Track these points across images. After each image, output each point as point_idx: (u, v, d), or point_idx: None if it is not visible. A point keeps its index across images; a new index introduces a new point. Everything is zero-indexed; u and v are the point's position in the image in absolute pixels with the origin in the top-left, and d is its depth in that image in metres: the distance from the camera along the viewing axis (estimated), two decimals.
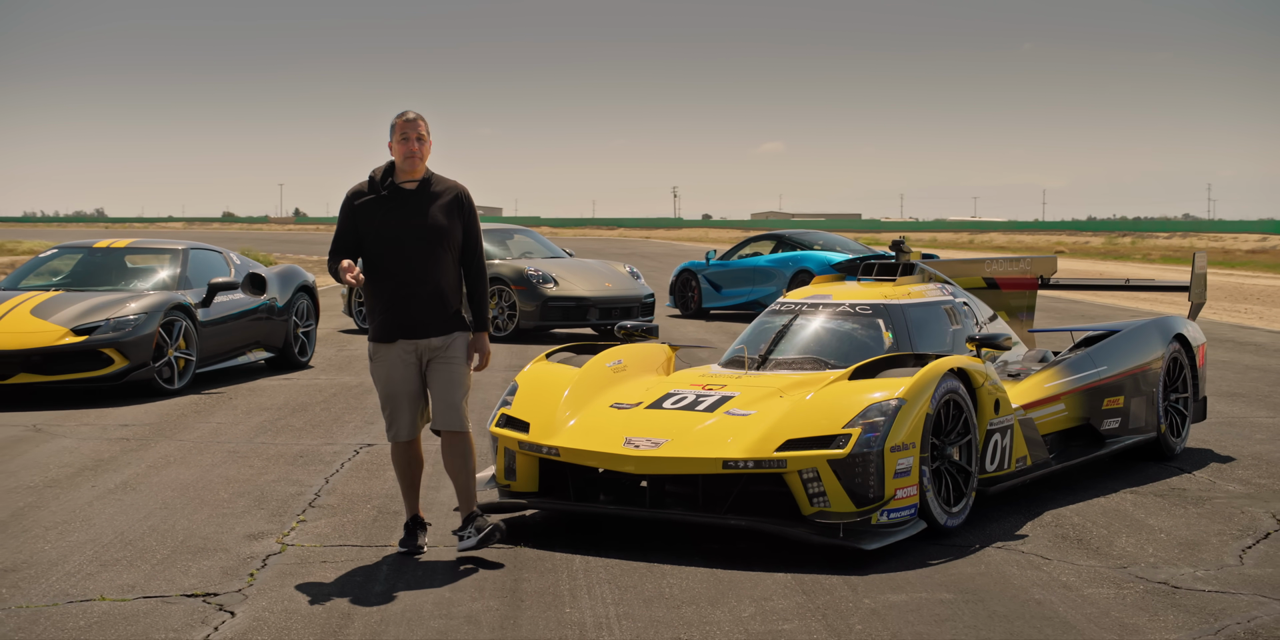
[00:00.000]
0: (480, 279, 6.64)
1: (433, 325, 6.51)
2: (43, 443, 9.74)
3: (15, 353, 11.61)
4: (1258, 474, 8.57)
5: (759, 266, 21.23)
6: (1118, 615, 5.60)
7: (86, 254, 13.72)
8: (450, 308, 6.55)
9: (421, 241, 6.47)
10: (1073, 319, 20.96)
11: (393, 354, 6.54)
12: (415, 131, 6.52)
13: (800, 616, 5.60)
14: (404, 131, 6.51)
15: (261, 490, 8.08)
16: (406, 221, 6.49)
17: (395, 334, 6.52)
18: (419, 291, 6.48)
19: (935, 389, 6.76)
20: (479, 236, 6.66)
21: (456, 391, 6.52)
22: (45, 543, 6.83)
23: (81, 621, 5.51)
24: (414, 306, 6.48)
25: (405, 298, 6.49)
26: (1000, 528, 7.12)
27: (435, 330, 6.51)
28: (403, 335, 6.51)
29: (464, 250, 6.62)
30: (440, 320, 6.52)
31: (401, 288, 6.49)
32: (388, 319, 6.53)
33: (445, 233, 6.51)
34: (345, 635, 5.35)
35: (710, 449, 6.67)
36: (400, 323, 6.50)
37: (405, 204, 6.52)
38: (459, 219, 6.58)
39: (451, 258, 6.55)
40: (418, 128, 6.53)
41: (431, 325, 6.51)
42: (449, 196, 6.58)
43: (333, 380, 13.33)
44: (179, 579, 6.16)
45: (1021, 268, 10.10)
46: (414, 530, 6.67)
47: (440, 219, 6.51)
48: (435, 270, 6.49)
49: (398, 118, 6.54)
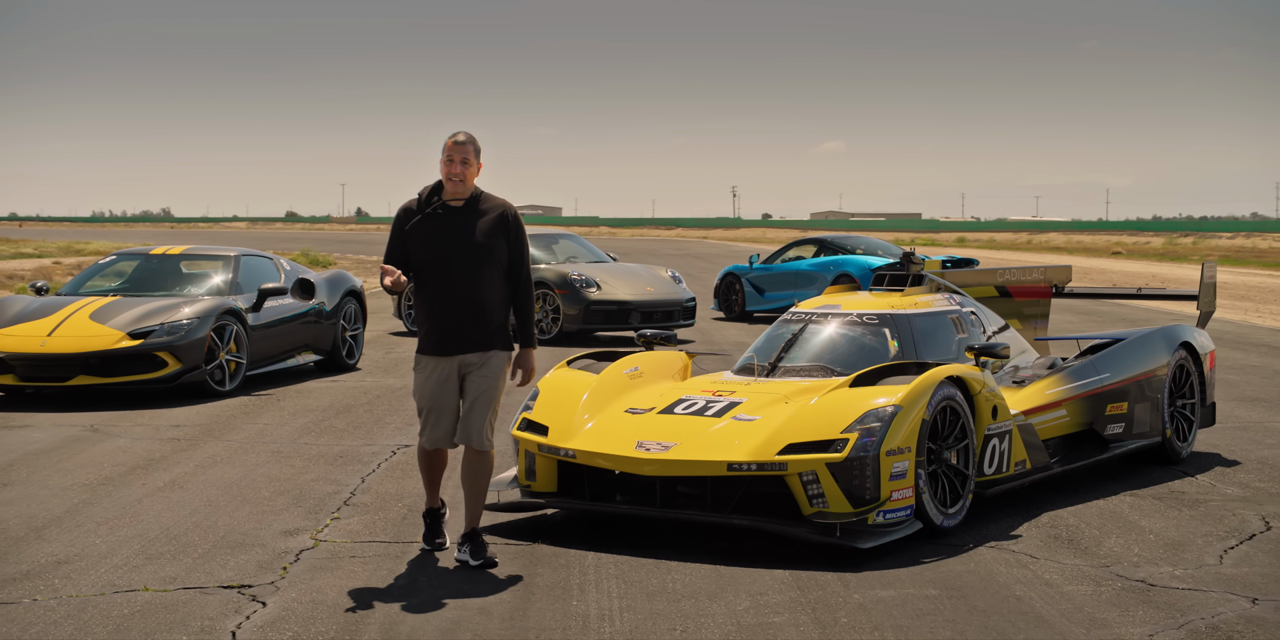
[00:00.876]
0: (526, 297, 6.82)
1: (471, 341, 6.69)
2: (99, 442, 10.26)
3: (75, 356, 12.16)
4: (1259, 478, 8.85)
5: (801, 270, 21.59)
6: (1090, 611, 5.94)
7: (143, 261, 14.28)
8: (491, 325, 6.72)
9: (465, 259, 6.66)
10: (1114, 323, 21.14)
11: (433, 366, 6.74)
12: (461, 154, 6.69)
13: (791, 610, 5.98)
14: (450, 153, 6.71)
15: (301, 489, 8.54)
16: (451, 239, 6.68)
17: (436, 347, 6.72)
18: (461, 307, 6.67)
19: (931, 396, 7.11)
20: (525, 255, 6.81)
21: (485, 411, 6.71)
22: (96, 537, 7.30)
23: (125, 610, 5.97)
24: (455, 322, 6.67)
25: (447, 313, 6.68)
26: (996, 528, 7.46)
27: (473, 346, 6.70)
28: (443, 350, 6.71)
29: (509, 268, 6.77)
30: (480, 337, 6.70)
31: (444, 303, 6.68)
32: (430, 332, 6.74)
33: (489, 251, 6.68)
34: (365, 624, 5.78)
35: (716, 452, 7.05)
36: (441, 337, 6.70)
37: (451, 222, 6.71)
38: (504, 238, 6.73)
39: (496, 275, 6.72)
40: (465, 151, 6.70)
41: (470, 341, 6.69)
42: (495, 215, 6.75)
43: (378, 382, 13.81)
44: (217, 571, 6.61)
45: (1035, 277, 10.41)
46: (435, 525, 7.02)
47: (484, 238, 6.69)
48: (478, 287, 6.67)
49: (448, 139, 6.73)
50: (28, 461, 9.45)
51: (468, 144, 6.71)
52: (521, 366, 6.81)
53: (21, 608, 6.00)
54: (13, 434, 10.62)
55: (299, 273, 14.62)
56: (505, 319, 6.80)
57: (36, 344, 12.23)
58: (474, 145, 6.75)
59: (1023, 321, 10.26)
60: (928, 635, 5.62)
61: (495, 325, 6.74)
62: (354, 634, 5.64)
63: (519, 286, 6.81)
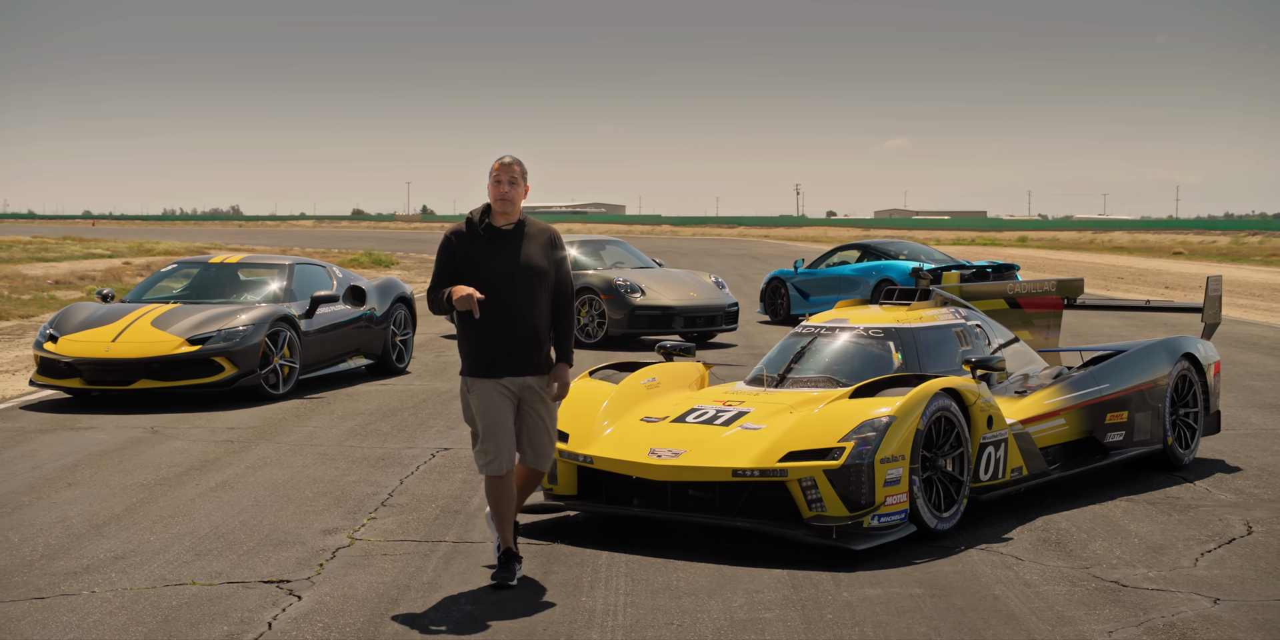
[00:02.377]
0: (567, 314, 6.91)
1: (529, 364, 6.79)
2: (158, 444, 10.89)
3: (137, 360, 12.82)
4: (1255, 484, 9.23)
5: (844, 275, 22.03)
6: (1060, 609, 6.39)
7: (203, 269, 14.95)
8: (545, 347, 6.85)
9: (517, 281, 6.75)
10: (1154, 328, 21.40)
11: (488, 387, 6.78)
12: (508, 175, 6.80)
13: (782, 607, 6.47)
14: (497, 176, 6.81)
15: (342, 490, 9.11)
16: (503, 262, 6.77)
17: (491, 371, 6.77)
18: (515, 330, 6.75)
19: (926, 407, 7.58)
20: (570, 279, 6.97)
21: (547, 432, 6.90)
22: (151, 534, 7.90)
23: (174, 602, 6.55)
24: (510, 345, 6.75)
25: (502, 336, 6.75)
26: (990, 531, 7.91)
27: (531, 369, 6.81)
28: (498, 373, 6.76)
29: (555, 288, 6.90)
30: (535, 359, 6.81)
31: (498, 326, 6.75)
32: (483, 356, 6.78)
33: (540, 273, 6.80)
34: (390, 617, 6.32)
35: (723, 459, 7.56)
36: (496, 360, 6.75)
37: (502, 245, 6.82)
38: (550, 260, 6.87)
39: (544, 298, 6.84)
40: (511, 172, 6.80)
41: (527, 364, 6.79)
42: (542, 239, 6.88)
43: (426, 386, 14.40)
44: (260, 568, 7.18)
45: (1045, 289, 10.82)
46: (509, 564, 6.90)
47: (535, 259, 6.80)
48: (530, 309, 6.77)
49: (495, 162, 6.84)
50: (91, 462, 10.09)
51: (514, 165, 6.84)
52: (557, 380, 6.90)
53: (80, 599, 6.59)
54: (79, 435, 11.28)
55: (350, 280, 15.25)
56: (549, 341, 6.94)
57: (102, 349, 12.91)
58: (520, 167, 6.86)
59: (1033, 332, 10.67)
60: (904, 631, 6.09)
61: (547, 347, 6.88)
62: (378, 626, 6.19)
63: (561, 307, 6.92)
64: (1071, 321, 21.90)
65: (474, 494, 8.95)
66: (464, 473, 9.65)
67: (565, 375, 6.91)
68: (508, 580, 6.81)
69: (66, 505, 8.64)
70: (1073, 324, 21.53)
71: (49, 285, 30.21)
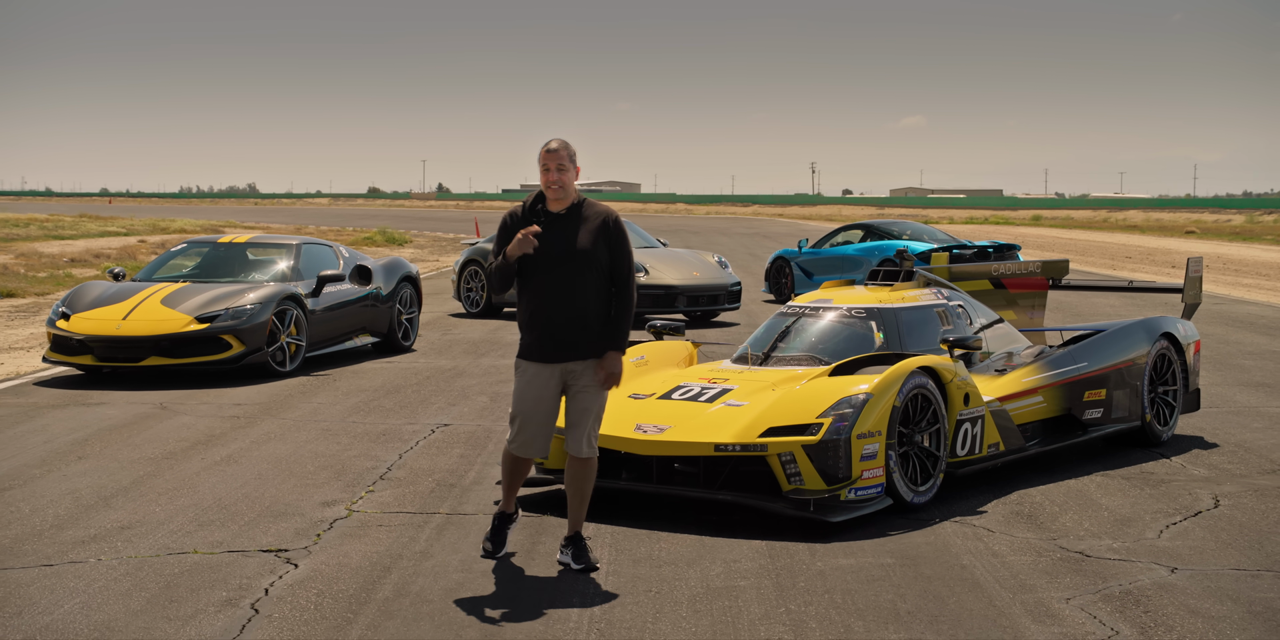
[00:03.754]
0: (626, 301, 6.83)
1: (576, 348, 6.76)
2: (166, 419, 11.20)
3: (147, 338, 13.14)
4: (1230, 460, 9.49)
5: (848, 255, 22.28)
6: (1023, 578, 6.66)
7: (212, 248, 15.27)
8: (595, 332, 6.78)
9: (570, 265, 6.72)
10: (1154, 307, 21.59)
11: (534, 371, 6.80)
12: (556, 161, 6.74)
13: (757, 575, 6.75)
14: (545, 162, 6.76)
15: (343, 464, 9.40)
16: (556, 246, 6.74)
17: (539, 354, 6.78)
18: (565, 314, 6.73)
19: (903, 385, 7.84)
20: (629, 261, 6.86)
21: (589, 420, 6.83)
22: (156, 506, 8.20)
23: (176, 569, 6.85)
24: (559, 329, 6.74)
25: (551, 320, 6.75)
26: (966, 505, 8.18)
27: (578, 354, 6.77)
28: (547, 357, 6.77)
29: (613, 274, 6.83)
30: (584, 344, 6.76)
31: (550, 310, 6.74)
32: (533, 339, 6.80)
33: (592, 257, 6.74)
34: (381, 584, 6.62)
35: (706, 434, 7.83)
36: (544, 344, 6.76)
37: (555, 228, 6.78)
38: (605, 243, 6.79)
39: (600, 282, 6.77)
40: (559, 157, 6.75)
41: (575, 348, 6.76)
42: (597, 221, 6.81)
43: (430, 364, 14.70)
44: (259, 537, 7.48)
45: (1030, 269, 11.07)
46: (501, 529, 7.09)
47: (588, 243, 6.74)
48: (582, 294, 6.73)
49: (542, 148, 6.78)
50: (101, 436, 10.40)
51: (560, 150, 6.76)
52: (607, 369, 6.81)
53: (87, 566, 6.90)
54: (90, 410, 11.60)
55: (357, 259, 15.54)
56: (603, 327, 6.86)
57: (113, 327, 13.22)
58: (567, 150, 6.79)
59: (1018, 313, 10.93)
60: (871, 598, 6.37)
61: (597, 333, 6.79)
62: (370, 592, 6.48)
63: (621, 293, 6.85)
64: (1074, 301, 22.13)
65: (470, 468, 9.24)
66: (462, 448, 9.94)
67: (615, 364, 6.81)
68: (501, 548, 7.09)
69: (76, 478, 8.95)
70: (1075, 303, 21.76)
71: (65, 263, 30.58)
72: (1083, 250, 43.28)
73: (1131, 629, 5.90)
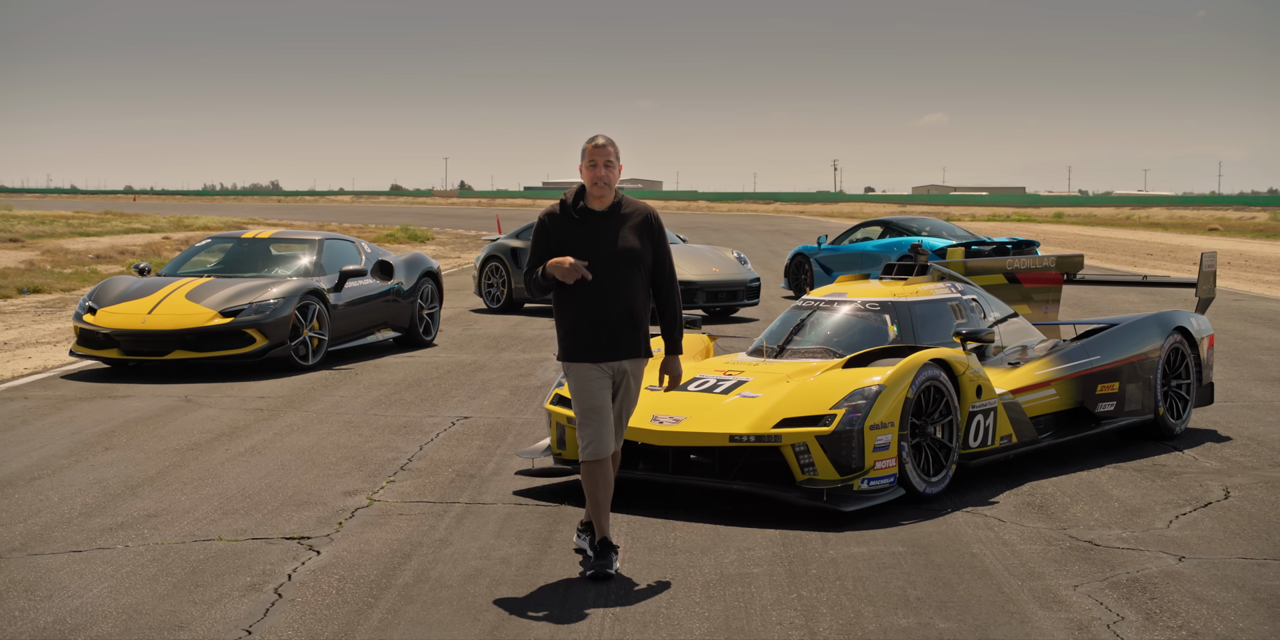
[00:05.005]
0: (671, 301, 6.76)
1: (623, 348, 6.65)
2: (191, 412, 11.37)
3: (172, 332, 13.32)
4: (1241, 453, 9.57)
5: (866, 251, 22.36)
6: (1033, 566, 6.77)
7: (235, 244, 15.44)
8: (640, 331, 6.69)
9: (611, 264, 6.59)
10: (1174, 302, 21.63)
11: (584, 371, 6.66)
12: (604, 157, 6.62)
13: (770, 563, 6.87)
14: (592, 157, 6.63)
15: (364, 455, 9.55)
16: (599, 244, 6.61)
17: (585, 355, 6.64)
18: (609, 314, 6.60)
19: (915, 376, 7.95)
20: (670, 259, 6.78)
21: (623, 419, 6.81)
22: (182, 495, 8.36)
23: (201, 556, 7.01)
24: (605, 328, 6.61)
25: (598, 319, 6.61)
26: (978, 495, 8.28)
27: (625, 353, 6.67)
28: (593, 358, 6.62)
29: (655, 272, 6.74)
30: (630, 343, 6.66)
31: (594, 310, 6.61)
32: (577, 340, 6.65)
33: (635, 255, 6.63)
34: (401, 570, 6.76)
35: (721, 425, 7.95)
36: (592, 344, 6.62)
37: (595, 227, 6.65)
38: (648, 241, 6.69)
39: (641, 280, 6.67)
40: (606, 154, 6.62)
41: (622, 348, 6.65)
42: (638, 219, 6.71)
43: (451, 358, 14.85)
44: (283, 525, 7.63)
45: (1044, 265, 11.16)
46: (606, 553, 6.69)
47: (630, 241, 6.64)
48: (625, 292, 6.61)
49: (588, 143, 6.65)
50: (128, 428, 10.57)
51: (608, 146, 6.65)
52: (669, 372, 6.82)
53: (115, 552, 7.05)
54: (116, 403, 11.77)
55: (379, 255, 15.70)
56: (648, 325, 6.76)
57: (138, 321, 13.40)
58: (614, 147, 6.68)
59: (1032, 307, 11.02)
60: (881, 585, 6.49)
61: (643, 331, 6.72)
62: (390, 578, 6.62)
63: (664, 291, 6.77)
64: (1091, 297, 22.18)
65: (489, 459, 9.38)
66: (481, 440, 10.08)
67: (675, 367, 6.80)
68: (605, 568, 6.61)
69: (103, 467, 9.11)
70: (1093, 300, 21.82)
71: (90, 259, 30.84)
72: (1104, 247, 43.26)
73: (1137, 614, 6.01)
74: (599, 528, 6.70)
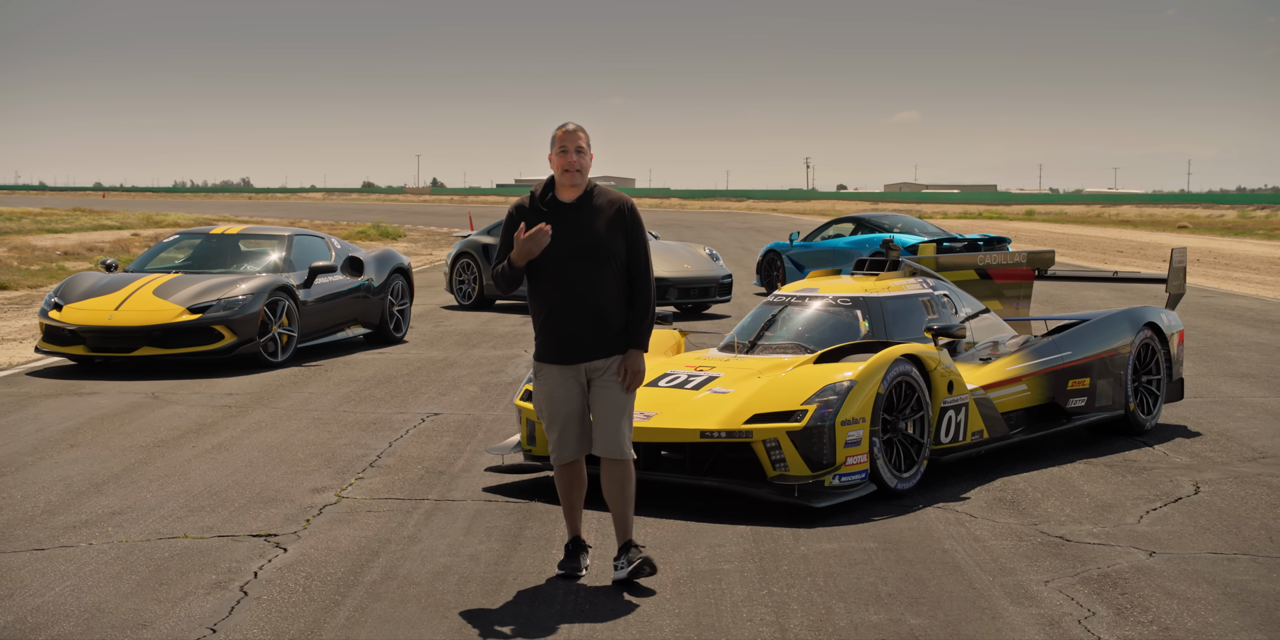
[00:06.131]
0: (644, 296, 6.35)
1: (596, 346, 6.30)
2: (158, 408, 11.27)
3: (139, 328, 13.20)
4: (1211, 448, 9.58)
5: (839, 248, 22.36)
6: (1004, 562, 6.75)
7: (204, 240, 15.33)
8: (613, 328, 6.31)
9: (581, 258, 6.25)
10: (1144, 299, 21.70)
11: (555, 373, 6.35)
12: (574, 143, 6.26)
13: (741, 559, 6.83)
14: (562, 144, 6.27)
15: (333, 452, 9.48)
16: (567, 238, 6.26)
17: (556, 355, 6.32)
18: (580, 310, 6.27)
19: (887, 372, 7.92)
20: (646, 252, 6.38)
21: (620, 417, 6.35)
22: (148, 492, 8.27)
23: (166, 553, 6.93)
24: (576, 326, 6.28)
25: (566, 317, 6.28)
26: (950, 491, 8.26)
27: (598, 352, 6.30)
28: (564, 358, 6.31)
29: (629, 266, 6.36)
30: (603, 341, 6.30)
31: (563, 307, 6.29)
32: (549, 339, 6.34)
33: (605, 249, 6.26)
34: (369, 568, 6.69)
35: (691, 421, 7.91)
36: (561, 344, 6.31)
37: (565, 219, 6.29)
38: (621, 234, 6.31)
39: (615, 275, 6.30)
40: (577, 139, 6.27)
41: (594, 346, 6.30)
42: (611, 210, 6.32)
43: (421, 354, 14.77)
44: (249, 523, 7.55)
45: (1016, 260, 11.15)
46: (575, 552, 6.56)
47: (601, 234, 6.26)
48: (597, 288, 6.26)
49: (558, 129, 6.30)
50: (94, 425, 10.47)
51: (578, 132, 6.30)
52: (630, 368, 6.35)
53: (79, 550, 6.97)
54: (82, 400, 11.66)
55: (349, 251, 15.61)
56: (626, 321, 6.39)
57: (105, 317, 13.28)
58: (584, 134, 6.32)
59: (1004, 303, 11.01)
60: (853, 581, 6.45)
61: (617, 329, 6.33)
62: (358, 576, 6.55)
63: (638, 285, 6.36)
64: (1061, 293, 22.22)
65: (459, 456, 9.32)
66: (451, 436, 10.02)
67: (637, 362, 6.34)
68: (575, 570, 6.49)
69: (68, 465, 9.02)
70: (1064, 296, 21.86)
71: (58, 256, 30.61)
72: (1075, 244, 43.39)
73: (1108, 610, 5.99)
74: (570, 527, 6.60)
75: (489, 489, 8.35)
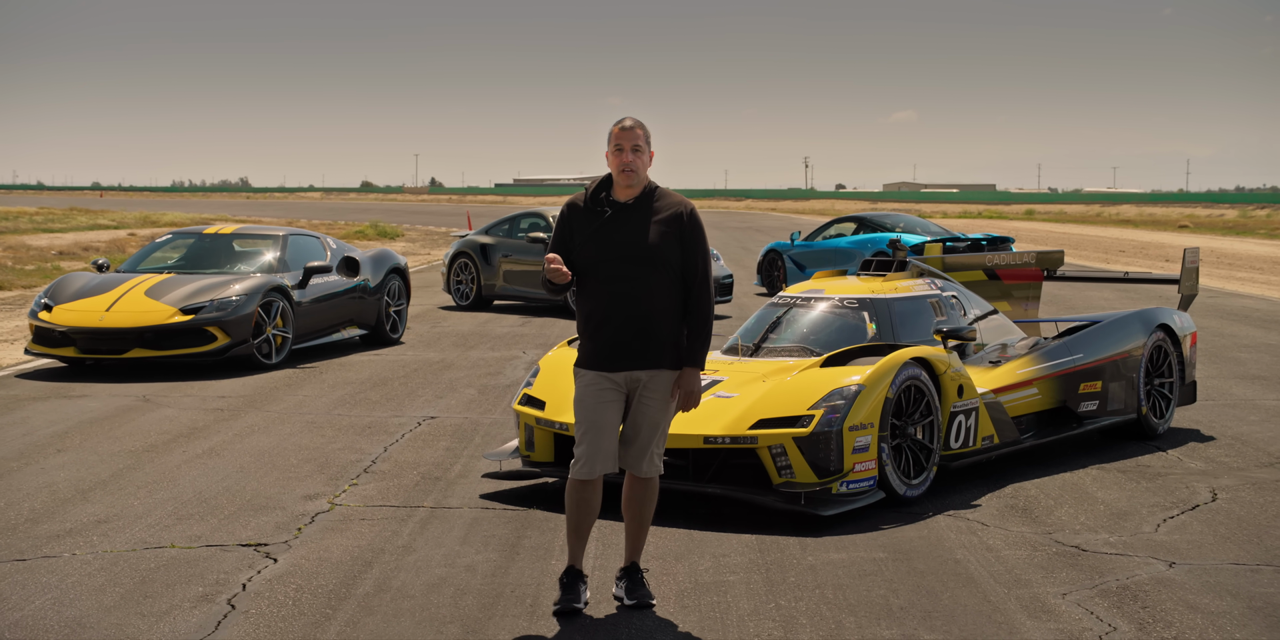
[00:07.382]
0: (701, 308, 5.91)
1: (641, 356, 5.89)
2: (149, 412, 11.04)
3: (130, 330, 12.96)
4: (1226, 453, 9.35)
5: (840, 247, 22.11)
6: (1019, 573, 6.52)
7: (197, 239, 15.09)
8: (661, 338, 5.88)
9: (632, 262, 5.86)
10: (1149, 300, 21.47)
11: (595, 380, 5.94)
12: (631, 141, 5.88)
13: (747, 570, 6.60)
14: (619, 141, 5.89)
15: (326, 457, 9.24)
16: (617, 239, 5.88)
17: (598, 362, 5.93)
18: (627, 317, 5.87)
19: (895, 376, 7.69)
20: (706, 261, 5.94)
21: (653, 434, 5.99)
22: (135, 499, 8.04)
23: (152, 564, 6.69)
24: (621, 334, 5.88)
25: (612, 323, 5.89)
26: (959, 498, 8.03)
27: (643, 362, 5.89)
28: (604, 365, 5.92)
29: (685, 274, 5.92)
30: (649, 352, 5.88)
31: (607, 313, 5.90)
32: (591, 346, 5.96)
33: (659, 254, 5.85)
34: (362, 579, 6.46)
35: (695, 427, 7.67)
36: (603, 351, 5.92)
37: (618, 220, 5.92)
38: (677, 240, 5.89)
39: (667, 282, 5.87)
40: (634, 137, 5.89)
41: (640, 356, 5.89)
42: (669, 213, 5.92)
43: (418, 356, 14.53)
44: (239, 531, 7.32)
45: (1024, 260, 10.92)
46: (573, 584, 6.03)
47: (655, 238, 5.86)
48: (645, 294, 5.85)
49: (614, 126, 5.93)
50: (82, 429, 10.23)
51: (636, 128, 5.91)
52: (683, 388, 5.94)
53: (61, 561, 6.74)
54: (71, 403, 11.43)
55: (345, 251, 15.37)
56: (677, 333, 5.94)
57: (96, 319, 13.05)
58: (644, 130, 5.93)
59: (1012, 304, 10.78)
60: (863, 593, 6.23)
61: (664, 340, 5.89)
62: (350, 587, 6.32)
63: (694, 296, 5.92)
64: (1068, 294, 21.99)
65: (455, 461, 9.09)
66: (448, 441, 9.79)
67: (692, 381, 5.93)
68: (573, 603, 5.96)
69: (54, 471, 8.78)
70: (1070, 297, 21.63)
71: (53, 256, 30.37)
72: (1076, 244, 43.16)
73: (1129, 625, 5.76)
74: (572, 554, 6.05)
75: (486, 496, 8.12)
